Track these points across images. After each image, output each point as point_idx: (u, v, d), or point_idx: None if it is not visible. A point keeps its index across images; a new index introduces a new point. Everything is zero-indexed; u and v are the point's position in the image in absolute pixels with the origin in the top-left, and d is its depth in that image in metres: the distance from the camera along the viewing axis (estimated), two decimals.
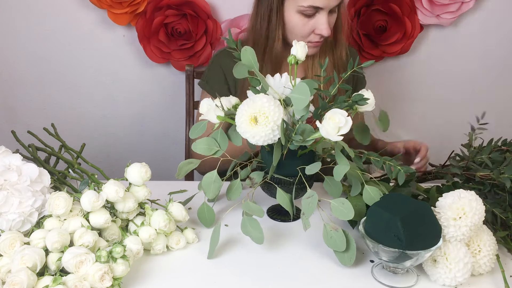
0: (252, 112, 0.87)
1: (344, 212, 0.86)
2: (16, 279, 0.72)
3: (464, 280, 0.82)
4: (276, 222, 1.03)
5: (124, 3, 1.56)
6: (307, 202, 0.87)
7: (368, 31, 1.67)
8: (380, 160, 0.93)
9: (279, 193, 0.92)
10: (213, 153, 0.95)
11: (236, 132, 0.92)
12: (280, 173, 0.95)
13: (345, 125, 0.84)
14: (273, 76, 0.97)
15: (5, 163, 0.91)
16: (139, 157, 1.83)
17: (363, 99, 0.90)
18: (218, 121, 0.95)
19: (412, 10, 1.65)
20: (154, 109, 1.80)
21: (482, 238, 0.86)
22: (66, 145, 1.13)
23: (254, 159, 1.01)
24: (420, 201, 0.85)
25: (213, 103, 0.96)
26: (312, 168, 0.90)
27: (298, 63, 0.95)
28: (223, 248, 0.93)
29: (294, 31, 1.22)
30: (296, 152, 0.95)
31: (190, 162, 0.99)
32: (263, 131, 0.87)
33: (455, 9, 1.66)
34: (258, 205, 0.90)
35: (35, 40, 1.67)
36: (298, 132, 0.89)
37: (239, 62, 0.93)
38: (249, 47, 0.93)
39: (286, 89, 0.95)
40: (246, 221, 0.90)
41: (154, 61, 1.67)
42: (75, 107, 1.77)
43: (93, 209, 0.84)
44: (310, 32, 1.21)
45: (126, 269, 0.79)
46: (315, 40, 1.22)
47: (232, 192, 0.98)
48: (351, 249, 0.86)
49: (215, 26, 1.63)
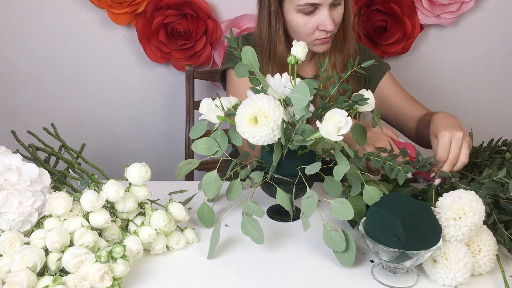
0: (252, 112, 0.87)
1: (344, 212, 0.86)
2: (16, 279, 0.72)
3: (464, 280, 0.82)
4: (276, 222, 1.03)
5: (124, 3, 1.56)
6: (307, 202, 0.87)
7: (368, 31, 1.67)
8: (380, 160, 0.93)
9: (279, 193, 0.92)
10: (213, 153, 0.95)
11: (236, 132, 0.92)
12: (280, 173, 0.95)
13: (345, 125, 0.84)
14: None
15: (5, 163, 0.91)
16: (139, 157, 1.83)
17: (363, 99, 0.90)
18: (218, 121, 0.95)
19: (412, 10, 1.65)
20: (154, 109, 1.80)
21: (482, 238, 0.86)
22: (66, 145, 1.13)
23: (254, 159, 1.01)
24: (420, 201, 0.85)
25: (213, 103, 0.96)
26: (312, 168, 0.90)
27: (298, 63, 0.95)
28: (223, 248, 0.93)
29: (298, 31, 1.20)
30: (296, 152, 0.95)
31: (190, 162, 0.98)
32: (263, 131, 0.87)
33: (455, 9, 1.66)
34: (258, 205, 0.90)
35: (35, 40, 1.67)
36: (298, 132, 0.89)
37: (240, 62, 0.93)
38: (250, 46, 0.92)
39: (286, 89, 0.95)
40: (246, 221, 0.90)
41: (154, 61, 1.67)
42: (75, 107, 1.77)
43: (93, 209, 0.84)
44: (314, 30, 1.19)
45: (126, 269, 0.79)
46: (322, 37, 1.20)
47: (232, 192, 0.98)
48: (351, 250, 0.86)
49: (215, 26, 1.63)
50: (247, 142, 0.92)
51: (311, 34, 1.20)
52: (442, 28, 1.74)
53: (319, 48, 1.23)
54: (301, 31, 1.20)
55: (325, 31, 1.18)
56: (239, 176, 0.98)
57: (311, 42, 1.21)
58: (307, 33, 1.19)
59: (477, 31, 1.75)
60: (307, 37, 1.20)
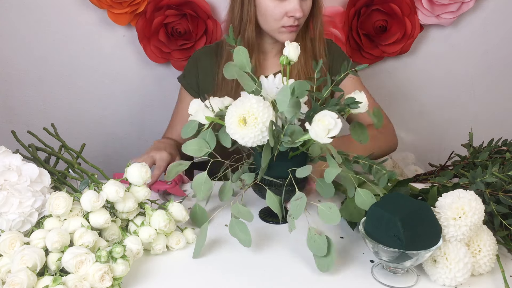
0: (241, 113, 0.86)
1: (331, 216, 0.85)
2: (16, 279, 0.72)
3: (464, 280, 0.82)
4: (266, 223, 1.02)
5: (124, 3, 1.56)
6: (295, 204, 0.86)
7: (368, 31, 1.67)
8: (367, 163, 0.92)
9: (269, 195, 0.91)
10: (203, 154, 0.94)
11: (225, 133, 0.91)
12: (271, 174, 0.93)
13: (335, 127, 0.83)
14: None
15: (5, 163, 0.91)
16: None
17: (355, 102, 0.90)
18: (207, 122, 0.93)
19: (412, 10, 1.65)
20: (154, 109, 1.80)
21: (482, 238, 0.86)
22: (66, 145, 1.13)
23: (246, 161, 1.00)
24: (420, 201, 0.85)
25: (202, 103, 0.95)
26: (303, 171, 0.89)
27: (290, 64, 0.93)
28: (223, 248, 0.93)
29: (266, 13, 1.20)
30: (287, 153, 0.93)
31: (180, 164, 0.97)
32: (252, 132, 0.86)
33: (455, 9, 1.66)
34: (248, 207, 0.89)
35: (35, 40, 1.67)
36: (287, 134, 0.87)
37: (230, 62, 0.92)
38: (243, 47, 0.92)
39: (278, 90, 0.93)
40: (234, 224, 0.89)
41: (154, 61, 1.67)
42: (75, 107, 1.78)
43: (93, 209, 0.84)
44: (282, 15, 1.19)
45: (126, 269, 0.79)
46: (289, 24, 1.20)
47: (224, 193, 0.99)
48: (331, 256, 0.85)
49: (215, 26, 1.63)
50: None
51: (279, 19, 1.20)
52: (442, 28, 1.74)
53: (285, 37, 1.22)
54: (269, 14, 1.20)
55: (293, 18, 1.18)
56: (230, 177, 0.98)
57: (277, 29, 1.21)
58: (275, 17, 1.19)
59: (477, 31, 1.76)
60: (274, 21, 1.20)
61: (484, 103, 1.87)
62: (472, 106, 1.87)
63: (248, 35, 1.24)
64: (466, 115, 1.87)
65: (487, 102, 1.87)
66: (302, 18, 1.21)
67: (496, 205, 0.91)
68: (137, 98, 1.78)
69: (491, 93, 1.87)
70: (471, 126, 1.20)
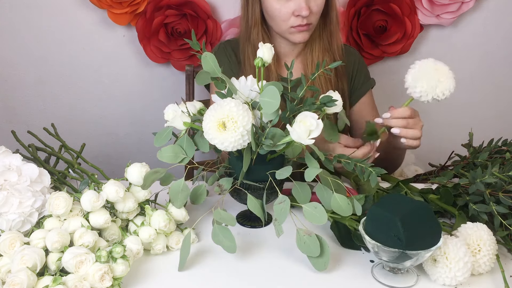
0: (220, 118, 0.84)
1: (316, 216, 0.84)
2: (16, 279, 0.72)
3: (464, 279, 0.82)
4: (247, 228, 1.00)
5: (124, 3, 1.56)
6: (279, 207, 0.85)
7: (368, 31, 1.67)
8: (351, 162, 0.90)
9: (250, 200, 0.89)
10: (179, 161, 0.91)
11: (203, 138, 0.88)
12: (250, 178, 0.92)
13: (316, 128, 0.82)
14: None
15: (5, 163, 0.91)
16: (139, 157, 1.83)
17: (332, 101, 0.89)
18: (184, 128, 0.91)
19: (412, 10, 1.65)
20: (154, 109, 1.80)
21: (482, 237, 0.86)
22: (66, 145, 1.13)
23: (221, 165, 0.97)
24: (420, 201, 0.85)
25: (178, 109, 0.92)
26: (283, 172, 0.88)
27: (265, 66, 0.91)
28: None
29: (274, 15, 1.18)
30: (266, 156, 0.92)
31: (156, 172, 0.93)
32: (232, 136, 0.83)
33: (455, 9, 1.66)
34: (229, 213, 0.88)
35: (35, 40, 1.67)
36: (269, 137, 0.86)
37: (202, 70, 0.90)
38: (209, 53, 0.89)
39: (252, 92, 0.91)
40: (217, 230, 0.87)
41: (154, 61, 1.67)
42: (75, 107, 1.77)
43: (93, 209, 0.84)
44: (289, 15, 1.16)
45: (126, 269, 0.79)
46: (297, 24, 1.16)
47: (197, 196, 0.96)
48: (325, 254, 0.84)
49: (215, 26, 1.63)
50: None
51: (287, 20, 1.17)
52: (442, 28, 1.74)
53: (296, 37, 1.20)
54: (276, 15, 1.18)
55: (300, 17, 1.15)
56: (204, 180, 0.96)
57: (287, 30, 1.19)
58: (283, 18, 1.17)
59: (477, 31, 1.75)
60: (283, 23, 1.18)
61: (484, 103, 1.87)
62: (472, 106, 1.87)
63: (253, 39, 1.23)
64: (466, 115, 1.87)
65: (487, 102, 1.87)
66: (313, 16, 1.17)
67: (496, 205, 0.91)
68: (137, 98, 1.78)
69: (491, 93, 1.86)
70: (471, 126, 1.20)
